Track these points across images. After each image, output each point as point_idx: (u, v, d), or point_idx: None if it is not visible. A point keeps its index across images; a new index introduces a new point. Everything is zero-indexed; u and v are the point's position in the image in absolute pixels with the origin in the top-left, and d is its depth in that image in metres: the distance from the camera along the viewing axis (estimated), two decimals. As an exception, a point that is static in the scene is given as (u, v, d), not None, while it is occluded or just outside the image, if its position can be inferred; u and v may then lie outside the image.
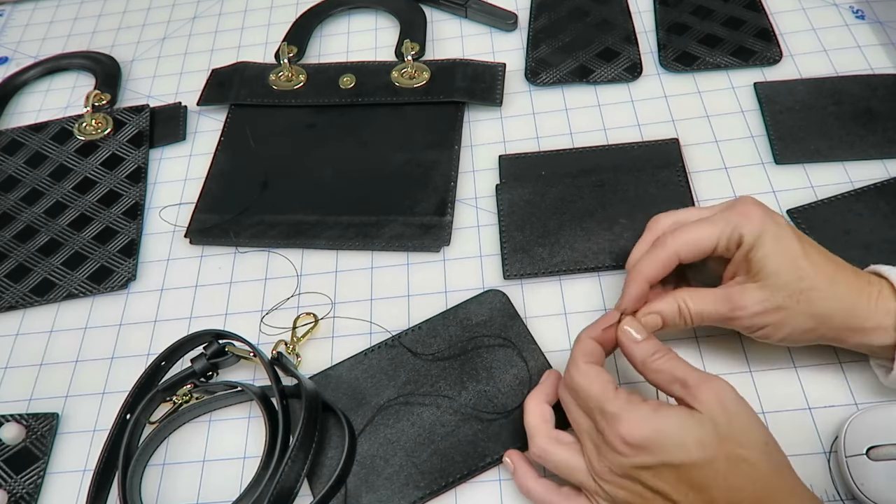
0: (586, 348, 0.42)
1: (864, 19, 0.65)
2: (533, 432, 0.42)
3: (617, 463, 0.38)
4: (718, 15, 0.67)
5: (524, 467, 0.44)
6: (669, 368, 0.40)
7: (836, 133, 0.57)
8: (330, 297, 0.55)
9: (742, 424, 0.37)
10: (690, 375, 0.39)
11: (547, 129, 0.62)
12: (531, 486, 0.43)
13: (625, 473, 0.38)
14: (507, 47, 0.69)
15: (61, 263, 0.59)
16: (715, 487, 0.36)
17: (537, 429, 0.42)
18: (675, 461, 0.37)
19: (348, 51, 0.72)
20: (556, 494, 0.42)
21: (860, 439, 0.42)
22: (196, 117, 0.69)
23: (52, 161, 0.67)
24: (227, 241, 0.59)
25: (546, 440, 0.42)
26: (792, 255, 0.41)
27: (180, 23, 0.79)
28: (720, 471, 0.36)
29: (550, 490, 0.42)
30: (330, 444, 0.48)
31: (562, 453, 0.41)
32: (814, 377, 0.47)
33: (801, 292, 0.41)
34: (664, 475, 0.37)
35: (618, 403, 0.38)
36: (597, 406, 0.39)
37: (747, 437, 0.37)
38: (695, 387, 0.38)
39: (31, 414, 0.52)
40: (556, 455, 0.41)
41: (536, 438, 0.42)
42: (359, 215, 0.58)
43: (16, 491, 0.49)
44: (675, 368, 0.39)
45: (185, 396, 0.51)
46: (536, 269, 0.53)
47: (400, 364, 0.50)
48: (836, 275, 0.42)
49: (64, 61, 0.76)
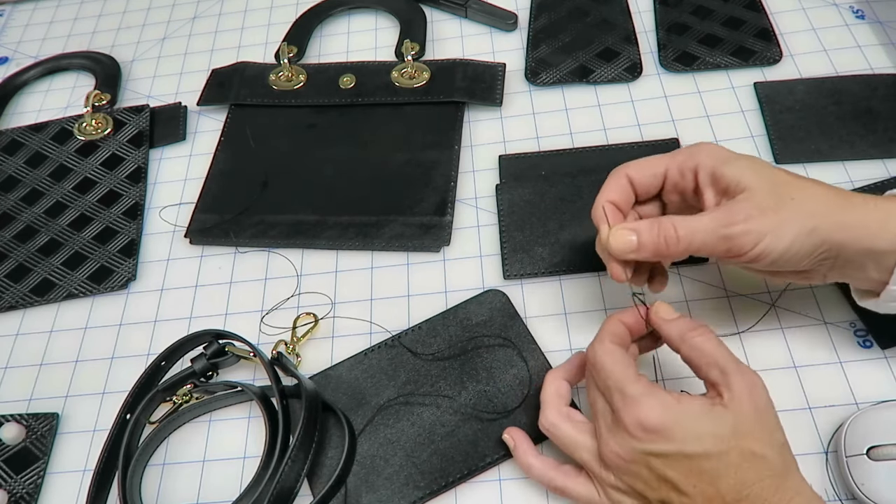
0: (615, 329, 0.42)
1: (864, 19, 0.65)
2: (545, 405, 0.43)
3: (628, 447, 0.38)
4: (718, 15, 0.67)
5: (524, 444, 0.44)
6: (710, 349, 0.39)
7: (837, 133, 0.57)
8: (330, 297, 0.55)
9: (766, 422, 0.38)
10: (729, 362, 0.38)
11: (547, 129, 0.62)
12: (531, 462, 0.43)
13: (634, 458, 0.38)
14: (507, 47, 0.69)
15: (61, 263, 0.59)
16: (724, 480, 0.36)
17: (550, 402, 0.43)
18: (689, 451, 0.36)
19: (348, 51, 0.72)
20: (555, 471, 0.42)
21: (860, 439, 0.42)
22: (196, 117, 0.69)
23: (52, 161, 0.67)
24: (227, 241, 0.59)
25: (556, 414, 0.42)
26: (764, 166, 0.40)
27: (180, 23, 0.79)
28: (732, 464, 0.36)
29: (550, 466, 0.42)
30: (330, 444, 0.48)
31: (570, 430, 0.41)
32: (814, 377, 0.47)
33: (790, 193, 0.39)
34: (675, 464, 0.37)
35: (639, 387, 0.38)
36: (616, 386, 0.39)
37: (768, 436, 0.37)
38: (732, 375, 0.38)
39: (31, 414, 0.52)
40: (564, 430, 0.41)
41: (548, 411, 0.42)
42: (359, 215, 0.58)
43: (16, 491, 0.49)
44: (716, 350, 0.39)
45: (185, 396, 0.51)
46: (536, 269, 0.53)
47: (400, 364, 0.50)
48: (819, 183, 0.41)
49: (64, 61, 0.76)
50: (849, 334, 0.48)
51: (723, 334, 0.48)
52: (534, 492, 0.45)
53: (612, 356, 0.40)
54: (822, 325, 0.49)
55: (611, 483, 0.39)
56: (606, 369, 0.40)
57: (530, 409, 0.47)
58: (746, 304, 0.50)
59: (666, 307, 0.42)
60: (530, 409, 0.47)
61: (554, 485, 0.42)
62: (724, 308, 0.50)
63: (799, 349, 0.48)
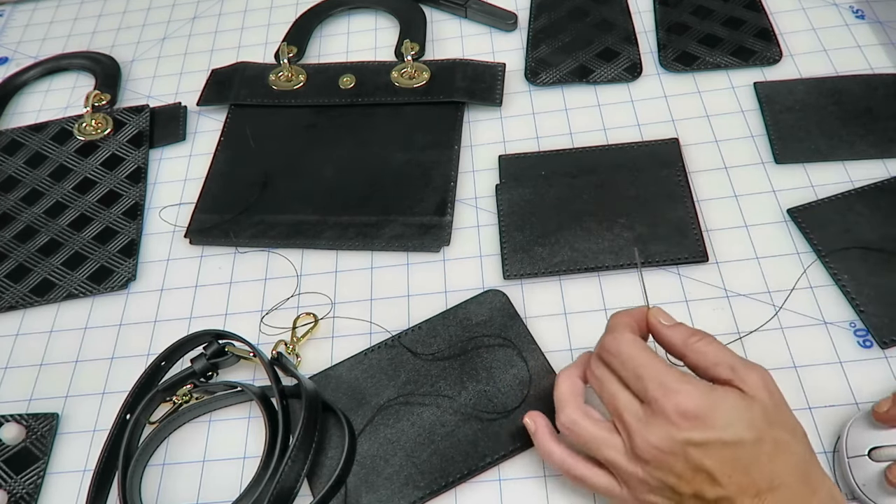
0: (630, 322, 0.41)
1: (864, 19, 0.65)
2: (563, 403, 0.41)
3: (667, 436, 0.37)
4: (718, 15, 0.67)
5: (545, 429, 0.43)
6: (714, 351, 0.39)
7: (836, 132, 0.57)
8: (330, 297, 0.55)
9: (784, 412, 0.38)
10: (736, 360, 0.39)
11: (547, 129, 0.62)
12: (552, 449, 0.42)
13: (672, 449, 0.37)
14: (506, 47, 0.69)
15: (61, 263, 0.59)
16: (757, 470, 0.36)
17: (567, 400, 0.41)
18: (727, 438, 0.36)
19: (348, 51, 0.72)
20: (574, 459, 0.41)
21: (862, 440, 0.42)
22: (196, 117, 0.69)
23: (52, 161, 0.67)
24: (227, 241, 0.59)
25: (577, 411, 0.41)
26: None
27: (180, 23, 0.79)
28: (765, 453, 0.36)
29: (569, 454, 0.41)
30: (330, 444, 0.48)
31: (593, 427, 0.40)
32: (814, 377, 0.47)
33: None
34: (713, 452, 0.36)
35: (676, 376, 0.38)
36: (652, 375, 0.38)
37: (792, 426, 0.38)
38: (742, 370, 0.38)
39: (31, 414, 0.52)
40: (586, 428, 0.40)
41: (567, 409, 0.41)
42: (359, 215, 0.58)
43: (16, 491, 0.49)
44: (721, 351, 0.39)
45: (185, 396, 0.51)
46: (536, 269, 0.53)
47: (400, 364, 0.50)
48: None
49: (64, 61, 0.76)
50: (849, 334, 0.48)
51: (723, 335, 0.49)
52: (534, 492, 0.45)
53: (637, 345, 0.39)
54: (822, 325, 0.49)
55: (639, 478, 0.38)
56: (636, 359, 0.39)
57: (530, 409, 0.47)
58: (747, 304, 0.50)
59: (664, 313, 0.42)
60: (530, 409, 0.47)
61: (574, 473, 0.41)
62: (725, 308, 0.50)
63: (799, 349, 0.48)
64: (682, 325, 0.41)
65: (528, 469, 0.46)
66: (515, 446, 0.46)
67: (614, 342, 0.40)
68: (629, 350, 0.39)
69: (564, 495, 0.45)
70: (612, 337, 0.41)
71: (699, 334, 0.40)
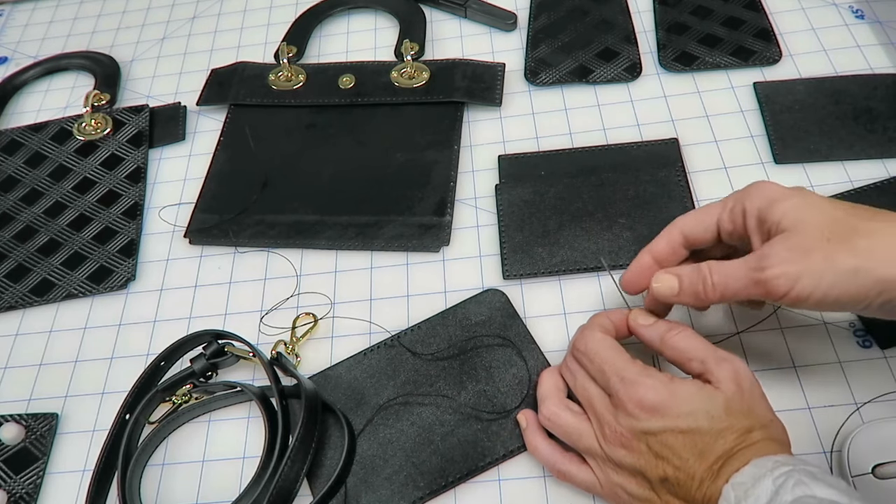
0: (603, 322, 0.44)
1: (863, 19, 0.65)
2: (544, 397, 0.44)
3: (628, 426, 0.39)
4: (718, 15, 0.67)
5: (535, 426, 0.45)
6: (686, 346, 0.41)
7: (836, 133, 0.57)
8: (329, 297, 0.55)
9: (754, 401, 0.39)
10: (709, 353, 0.40)
11: (546, 129, 0.62)
12: (539, 445, 0.44)
13: (634, 437, 0.39)
14: (506, 47, 0.69)
15: (61, 263, 0.59)
16: (714, 455, 0.37)
17: (549, 394, 0.44)
18: (683, 427, 0.38)
19: (348, 51, 0.72)
20: (560, 455, 0.44)
21: (865, 457, 0.41)
22: (196, 117, 0.69)
23: (51, 161, 0.67)
24: (227, 241, 0.59)
25: (557, 404, 0.44)
26: (816, 201, 0.39)
27: (180, 23, 0.79)
28: (727, 440, 0.37)
29: (556, 450, 0.44)
30: (330, 444, 0.48)
31: (571, 418, 0.43)
32: (814, 377, 0.47)
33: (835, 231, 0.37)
34: (671, 440, 0.38)
35: (636, 370, 0.40)
36: (614, 371, 0.41)
37: (756, 415, 0.39)
38: (711, 362, 0.40)
39: (30, 414, 0.52)
40: (565, 419, 0.43)
41: (548, 402, 0.44)
42: (358, 215, 0.58)
43: (15, 491, 0.49)
44: (694, 346, 0.41)
45: (185, 396, 0.51)
46: (536, 269, 0.53)
47: (399, 364, 0.50)
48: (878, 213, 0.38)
49: (63, 61, 0.76)
50: (848, 334, 0.48)
51: (722, 334, 0.49)
52: (534, 492, 0.45)
53: (604, 343, 0.42)
54: (821, 325, 0.49)
55: (613, 463, 0.40)
56: (601, 355, 0.42)
57: (529, 409, 0.47)
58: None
59: (644, 314, 0.44)
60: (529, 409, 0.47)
61: (558, 468, 0.43)
62: (725, 307, 0.50)
63: (799, 349, 0.48)
64: (660, 322, 0.43)
65: (527, 469, 0.46)
66: (515, 446, 0.46)
67: (582, 340, 0.44)
68: (595, 346, 0.42)
69: (564, 495, 0.45)
70: (580, 335, 0.44)
71: (676, 328, 0.42)
